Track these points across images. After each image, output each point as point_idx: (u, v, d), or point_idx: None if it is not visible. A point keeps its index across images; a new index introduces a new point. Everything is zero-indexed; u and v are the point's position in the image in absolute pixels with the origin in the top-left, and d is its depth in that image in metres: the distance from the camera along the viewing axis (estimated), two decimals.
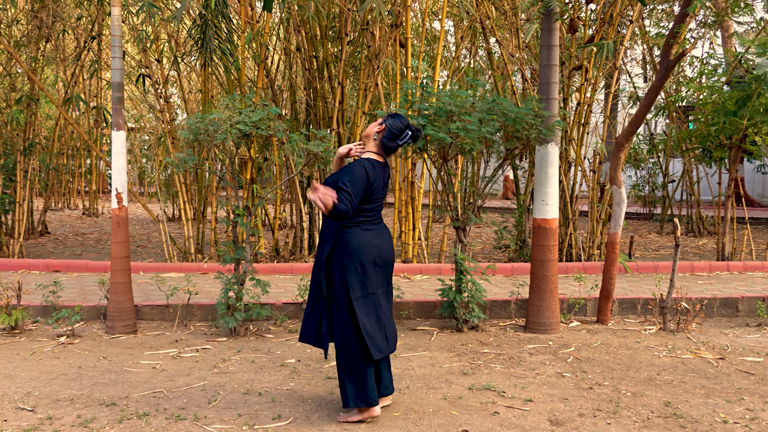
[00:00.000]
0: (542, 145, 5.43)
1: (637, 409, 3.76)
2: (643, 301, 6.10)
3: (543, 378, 4.33)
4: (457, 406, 3.80)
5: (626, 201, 5.77)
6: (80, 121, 15.31)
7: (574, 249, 8.57)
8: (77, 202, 17.21)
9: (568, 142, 8.50)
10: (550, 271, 5.48)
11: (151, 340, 5.19)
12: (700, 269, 7.88)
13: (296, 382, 4.21)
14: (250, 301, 5.42)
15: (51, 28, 9.93)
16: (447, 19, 11.23)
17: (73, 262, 7.80)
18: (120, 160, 5.27)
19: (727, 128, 8.23)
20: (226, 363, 4.61)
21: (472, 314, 5.43)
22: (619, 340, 5.24)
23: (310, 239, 8.77)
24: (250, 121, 4.72)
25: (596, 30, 8.25)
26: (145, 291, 6.41)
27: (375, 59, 8.26)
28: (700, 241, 10.76)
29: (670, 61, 4.97)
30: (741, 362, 4.68)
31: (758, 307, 5.91)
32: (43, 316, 5.65)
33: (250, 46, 8.67)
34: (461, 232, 5.54)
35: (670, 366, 4.58)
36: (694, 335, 5.41)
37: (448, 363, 4.64)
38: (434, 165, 5.46)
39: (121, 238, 5.34)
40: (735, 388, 4.14)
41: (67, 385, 4.10)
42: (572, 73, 8.58)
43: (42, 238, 10.77)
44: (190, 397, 3.91)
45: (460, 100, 4.97)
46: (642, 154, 14.10)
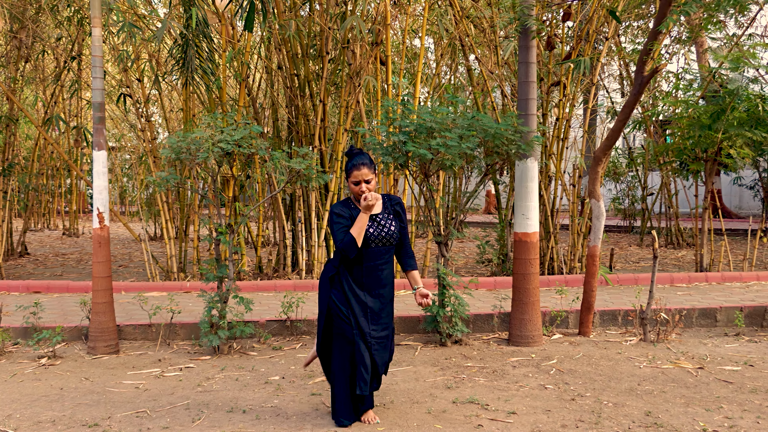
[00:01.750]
0: (522, 160, 5.51)
1: (618, 419, 3.81)
2: (623, 312, 6.18)
3: (526, 390, 4.36)
4: (442, 420, 3.82)
5: (605, 214, 5.86)
6: (60, 140, 15.22)
7: (555, 262, 8.65)
8: (57, 223, 17.04)
9: (548, 156, 8.62)
10: (531, 285, 5.53)
11: (134, 360, 5.16)
12: (680, 281, 7.99)
13: (280, 399, 4.21)
14: (233, 319, 5.41)
15: (30, 48, 9.92)
16: (427, 36, 11.38)
17: (53, 282, 7.72)
18: (101, 179, 5.27)
19: (702, 141, 8.39)
20: (210, 381, 4.60)
21: (456, 328, 5.46)
22: (601, 352, 5.30)
23: (293, 256, 8.76)
24: (232, 140, 4.75)
25: (573, 47, 8.41)
26: (127, 311, 6.36)
27: (356, 77, 8.34)
28: (679, 253, 10.92)
29: (644, 77, 5.09)
30: (720, 371, 4.76)
31: (736, 317, 6.01)
32: (23, 337, 5.59)
33: (231, 65, 8.71)
34: (443, 247, 5.59)
35: (651, 376, 4.64)
36: (673, 345, 5.49)
37: (432, 377, 4.66)
38: (415, 181, 5.52)
39: (103, 258, 5.31)
40: (714, 396, 4.21)
41: (49, 407, 4.06)
42: (551, 89, 8.73)
43: (21, 259, 10.65)
44: (173, 417, 3.89)
45: (440, 116, 5.05)
46: (621, 168, 14.31)
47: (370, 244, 3.58)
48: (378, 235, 3.58)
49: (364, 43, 8.53)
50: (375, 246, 3.59)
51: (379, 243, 3.59)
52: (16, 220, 16.41)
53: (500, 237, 8.95)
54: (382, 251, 3.62)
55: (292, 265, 8.72)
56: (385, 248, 3.63)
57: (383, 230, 3.60)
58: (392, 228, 3.63)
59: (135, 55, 8.34)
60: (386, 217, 3.65)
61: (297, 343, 5.63)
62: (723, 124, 8.11)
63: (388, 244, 3.62)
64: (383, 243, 3.60)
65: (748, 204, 17.73)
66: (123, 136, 16.67)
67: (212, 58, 7.14)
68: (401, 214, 3.70)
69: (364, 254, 3.58)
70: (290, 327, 5.84)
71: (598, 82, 10.30)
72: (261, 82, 10.34)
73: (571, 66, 8.28)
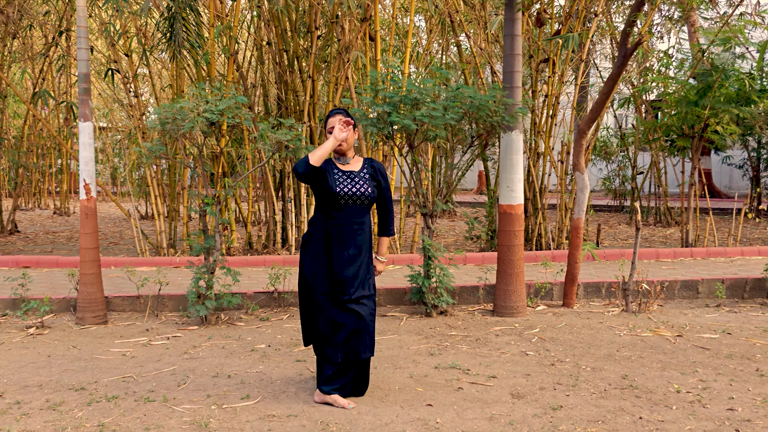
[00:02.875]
0: (507, 133, 5.55)
1: (595, 382, 3.89)
2: (607, 284, 6.26)
3: (507, 356, 4.44)
4: (423, 383, 3.89)
5: (589, 187, 5.92)
6: (50, 119, 15.15)
7: (543, 238, 8.73)
8: (48, 203, 17.01)
9: (536, 134, 8.66)
10: (516, 256, 5.60)
11: (122, 330, 5.21)
12: (665, 256, 8.08)
13: (265, 365, 4.27)
14: (221, 290, 5.46)
15: (18, 24, 9.85)
16: (417, 14, 11.35)
17: (43, 258, 7.75)
18: (87, 151, 5.28)
19: (689, 118, 8.44)
20: (197, 349, 4.66)
21: (441, 299, 5.53)
22: (583, 321, 5.39)
23: (283, 233, 8.80)
24: (217, 110, 4.77)
25: (563, 23, 8.42)
26: (116, 284, 6.40)
27: (345, 52, 8.33)
28: (668, 231, 11.01)
29: (627, 49, 5.12)
30: (698, 339, 4.85)
31: (717, 288, 6.10)
32: (12, 309, 5.63)
33: (220, 39, 8.68)
34: (429, 219, 5.65)
35: (630, 343, 4.73)
36: (654, 315, 5.58)
37: (415, 345, 4.73)
38: (400, 152, 5.55)
39: (90, 229, 5.35)
40: (690, 361, 4.30)
41: (36, 373, 4.12)
42: (540, 66, 8.75)
43: (12, 237, 10.65)
44: (159, 381, 3.96)
45: (425, 87, 5.07)
46: (612, 148, 14.37)
47: (342, 202, 3.53)
48: (350, 192, 3.54)
49: (353, 18, 8.51)
50: (347, 204, 3.54)
51: (350, 201, 3.55)
52: (6, 199, 16.39)
53: (489, 213, 9.02)
54: (354, 210, 3.55)
55: (282, 242, 8.77)
56: (358, 208, 3.57)
57: (357, 188, 3.56)
58: (367, 188, 3.58)
59: (123, 30, 8.30)
60: (363, 177, 3.62)
61: (284, 314, 5.70)
62: (710, 100, 8.15)
63: (360, 204, 3.57)
64: (355, 201, 3.55)
65: (737, 184, 17.84)
66: (112, 112, 16.55)
67: (200, 32, 7.12)
68: (379, 176, 3.66)
69: (337, 212, 3.55)
70: (278, 298, 5.90)
71: (588, 59, 10.33)
72: (251, 59, 10.31)
73: (560, 43, 8.29)
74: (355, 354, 3.55)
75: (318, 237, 3.59)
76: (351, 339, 3.55)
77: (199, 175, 6.03)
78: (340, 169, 3.60)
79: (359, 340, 3.55)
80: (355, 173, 3.62)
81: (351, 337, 3.55)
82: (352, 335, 3.55)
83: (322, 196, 3.57)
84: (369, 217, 3.67)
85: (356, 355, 3.55)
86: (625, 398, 3.62)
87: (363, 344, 3.57)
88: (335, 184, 3.53)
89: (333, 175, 3.56)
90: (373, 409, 3.49)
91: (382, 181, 3.70)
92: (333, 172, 3.57)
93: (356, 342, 3.55)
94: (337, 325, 3.54)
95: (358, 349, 3.56)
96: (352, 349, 3.55)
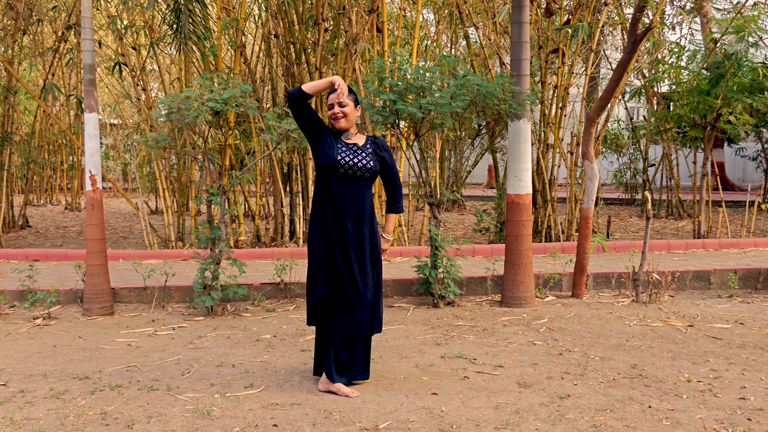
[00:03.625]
0: (514, 121, 5.48)
1: (604, 372, 3.83)
2: (617, 275, 6.18)
3: (515, 346, 4.39)
4: (428, 373, 3.85)
5: (598, 176, 5.84)
6: (60, 115, 15.21)
7: (553, 230, 8.65)
8: (60, 198, 17.10)
9: (546, 125, 8.57)
10: (524, 246, 5.54)
11: (128, 321, 5.21)
12: (677, 247, 7.98)
13: (270, 355, 4.25)
14: (226, 281, 5.44)
15: (27, 20, 9.87)
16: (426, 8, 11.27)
17: (52, 251, 7.78)
18: (93, 142, 5.27)
19: (700, 107, 8.32)
20: (202, 339, 4.64)
21: (448, 290, 5.48)
22: (592, 312, 5.32)
23: (291, 226, 8.78)
24: (221, 98, 4.74)
25: (572, 13, 8.32)
26: (123, 276, 6.41)
27: (352, 44, 8.28)
28: (680, 223, 10.88)
29: (637, 35, 5.04)
30: (709, 329, 4.77)
31: (729, 279, 6.01)
32: (20, 300, 5.64)
33: (227, 32, 8.66)
34: (435, 209, 5.59)
35: (640, 333, 4.66)
36: (665, 306, 5.49)
37: (422, 335, 4.69)
38: (407, 141, 5.50)
39: (96, 220, 5.34)
40: (701, 351, 4.22)
41: (41, 362, 4.11)
42: (549, 56, 8.65)
43: (23, 231, 10.71)
44: (163, 370, 3.94)
45: (431, 75, 5.01)
46: (623, 140, 14.23)
47: (341, 171, 3.50)
48: (350, 163, 3.50)
49: (360, 9, 8.46)
50: (346, 174, 3.51)
51: (350, 172, 3.50)
52: (18, 196, 16.50)
53: (497, 205, 8.94)
54: (353, 182, 3.52)
55: (290, 235, 8.75)
56: (357, 180, 3.52)
57: (357, 160, 3.52)
58: (368, 162, 3.54)
59: (130, 23, 8.30)
60: (365, 150, 3.58)
61: (291, 305, 5.67)
62: (722, 89, 8.03)
63: (361, 176, 3.53)
64: (356, 173, 3.51)
65: (751, 176, 17.61)
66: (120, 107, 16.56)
67: (206, 24, 7.10)
68: (383, 152, 3.63)
69: (337, 180, 3.52)
70: (284, 289, 5.88)
71: (598, 50, 10.20)
72: (260, 53, 10.28)
73: (569, 33, 8.20)
74: (347, 329, 3.51)
75: (319, 210, 3.56)
76: (345, 314, 3.51)
77: (205, 167, 6.02)
78: (344, 142, 3.58)
79: (356, 315, 3.50)
80: (359, 146, 3.59)
81: (345, 312, 3.51)
82: (345, 310, 3.51)
83: (323, 165, 3.52)
84: (370, 192, 3.62)
85: (348, 330, 3.51)
86: (634, 387, 3.56)
87: (359, 320, 3.50)
88: (336, 153, 3.50)
89: (336, 144, 3.54)
90: (378, 398, 3.45)
91: (386, 157, 3.66)
92: (335, 142, 3.56)
93: (348, 317, 3.51)
94: (328, 299, 3.52)
95: (351, 324, 3.51)
96: (343, 323, 3.51)
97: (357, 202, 3.53)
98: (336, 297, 3.53)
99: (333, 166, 3.50)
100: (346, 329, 3.52)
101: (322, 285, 3.54)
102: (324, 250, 3.54)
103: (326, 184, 3.54)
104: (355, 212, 3.53)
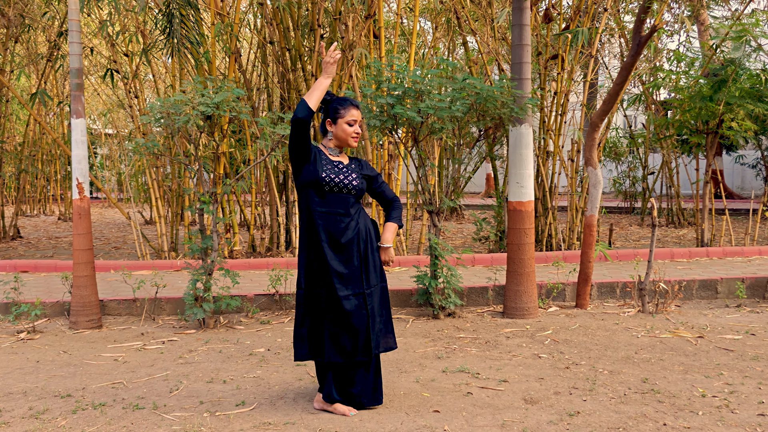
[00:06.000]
0: (516, 126, 5.33)
1: (613, 386, 3.64)
2: (621, 284, 6.01)
3: (519, 359, 4.20)
4: (430, 388, 3.66)
5: (602, 182, 5.68)
6: (54, 125, 15.04)
7: (554, 239, 8.48)
8: (53, 209, 16.89)
9: (546, 132, 8.42)
10: (526, 255, 5.36)
11: (116, 334, 5.01)
12: (680, 255, 7.82)
13: (263, 370, 4.05)
14: (219, 293, 5.25)
15: (19, 28, 9.71)
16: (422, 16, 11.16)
17: (41, 262, 7.58)
18: (80, 149, 5.09)
19: (703, 114, 8.18)
20: (192, 354, 4.44)
21: (448, 300, 5.30)
22: (598, 323, 5.14)
23: (286, 235, 8.60)
24: (212, 102, 4.57)
25: (572, 18, 8.19)
26: (113, 287, 6.21)
27: (348, 50, 8.14)
28: (680, 232, 10.73)
29: (642, 37, 4.89)
30: (720, 340, 4.59)
31: (737, 288, 5.84)
32: (4, 313, 5.44)
33: (221, 38, 8.51)
34: (435, 217, 5.42)
35: (649, 345, 4.48)
36: (673, 316, 5.32)
37: (422, 348, 4.50)
38: (405, 147, 5.34)
39: (83, 230, 5.15)
40: (714, 364, 4.05)
41: (22, 379, 3.91)
42: (548, 62, 8.52)
43: (14, 242, 10.50)
44: (151, 387, 3.74)
45: (430, 78, 4.86)
46: (622, 148, 14.10)
47: (326, 189, 3.32)
48: (335, 181, 3.32)
49: (356, 15, 8.33)
50: (331, 192, 3.33)
51: (335, 189, 3.31)
52: (10, 206, 16.28)
53: (497, 214, 8.78)
54: (338, 200, 3.33)
55: (286, 244, 8.56)
56: (344, 197, 3.34)
57: (342, 178, 3.34)
58: (353, 180, 3.37)
59: (121, 28, 8.14)
60: (351, 169, 3.42)
61: (285, 317, 5.48)
62: (724, 95, 7.89)
63: (347, 193, 3.35)
64: (341, 190, 3.34)
65: (750, 184, 17.52)
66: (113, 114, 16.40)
67: (199, 29, 6.94)
68: (366, 170, 3.49)
69: (322, 199, 3.33)
70: (279, 301, 5.69)
71: (597, 57, 10.07)
72: (255, 59, 10.13)
73: (569, 38, 8.07)
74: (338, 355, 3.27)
75: (307, 230, 3.36)
76: (339, 338, 3.27)
77: (191, 170, 5.84)
78: (329, 158, 3.39)
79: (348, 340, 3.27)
80: (344, 165, 3.42)
81: (338, 337, 3.28)
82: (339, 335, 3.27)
83: (307, 182, 3.31)
84: (360, 207, 3.44)
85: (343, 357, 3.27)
86: (647, 403, 3.37)
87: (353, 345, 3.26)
88: (321, 170, 3.31)
89: (320, 161, 3.35)
90: (376, 416, 3.26)
91: (370, 174, 3.51)
92: (321, 158, 3.36)
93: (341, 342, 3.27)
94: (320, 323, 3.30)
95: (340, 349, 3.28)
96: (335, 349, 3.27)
97: (344, 218, 3.33)
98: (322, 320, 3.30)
99: (316, 184, 3.30)
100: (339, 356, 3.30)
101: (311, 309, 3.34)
102: (313, 274, 3.32)
103: (310, 203, 3.34)
104: (344, 228, 3.32)
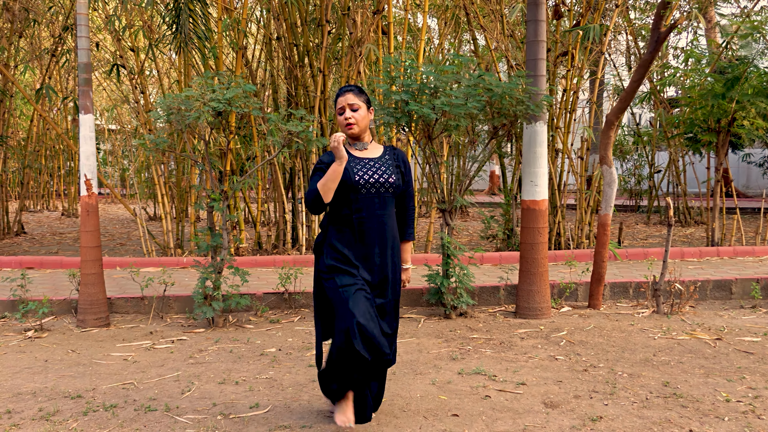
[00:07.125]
0: (530, 124, 5.25)
1: (635, 390, 3.57)
2: (635, 284, 5.93)
3: (535, 361, 4.13)
4: (446, 391, 3.59)
5: (617, 181, 5.60)
6: (58, 120, 14.96)
7: (563, 237, 8.40)
8: (57, 204, 16.82)
9: (554, 129, 8.34)
10: (540, 254, 5.29)
11: (125, 333, 4.94)
12: (690, 255, 7.74)
13: (276, 371, 3.98)
14: (229, 291, 5.18)
15: (24, 22, 9.63)
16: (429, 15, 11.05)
17: (47, 258, 7.50)
18: (88, 144, 5.02)
19: (715, 112, 8.10)
20: (203, 353, 4.38)
21: (461, 300, 5.23)
22: (613, 324, 5.07)
23: (293, 232, 8.53)
24: (224, 98, 4.49)
25: (582, 14, 8.10)
26: (120, 285, 6.14)
27: (357, 46, 8.05)
28: (688, 230, 10.65)
29: (661, 33, 4.81)
30: (739, 342, 4.52)
31: (753, 289, 5.76)
32: (11, 311, 5.37)
33: (228, 34, 8.42)
34: (448, 215, 5.35)
35: (666, 347, 4.40)
36: (688, 317, 5.24)
37: (436, 349, 4.43)
38: (418, 144, 5.26)
39: (91, 227, 5.08)
40: (735, 367, 3.97)
41: (31, 379, 3.85)
42: (558, 60, 8.43)
43: (18, 238, 10.43)
44: (162, 388, 3.68)
45: (444, 75, 4.78)
46: (627, 146, 14.00)
47: (363, 191, 2.97)
48: (372, 180, 2.98)
49: (364, 10, 8.24)
50: (368, 193, 2.98)
51: (372, 189, 2.98)
52: (14, 201, 16.21)
53: (505, 212, 8.71)
54: (376, 200, 2.99)
55: (293, 242, 8.49)
56: (381, 197, 3.00)
57: (379, 175, 3.00)
58: (390, 175, 3.04)
59: (128, 23, 8.06)
60: (385, 162, 3.08)
61: (295, 316, 5.41)
62: (737, 93, 7.80)
63: (384, 192, 3.01)
64: (378, 189, 2.99)
65: (756, 183, 17.41)
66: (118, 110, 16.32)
67: (207, 24, 6.86)
68: (402, 167, 3.15)
69: (357, 204, 2.98)
70: (288, 300, 5.62)
71: (606, 54, 9.98)
72: (261, 57, 10.05)
73: (579, 34, 7.98)
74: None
75: (336, 235, 3.03)
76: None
77: (206, 171, 5.77)
78: (357, 156, 3.08)
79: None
80: (375, 159, 3.08)
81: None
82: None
83: (338, 188, 3.00)
84: (393, 209, 3.13)
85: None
86: (670, 408, 3.30)
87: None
88: (353, 172, 2.99)
89: (349, 163, 3.02)
90: (394, 420, 3.19)
91: (405, 172, 3.17)
92: (349, 160, 3.04)
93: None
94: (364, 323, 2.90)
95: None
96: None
97: (382, 222, 3.02)
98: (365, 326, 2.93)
99: (350, 188, 2.97)
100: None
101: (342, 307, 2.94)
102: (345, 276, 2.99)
103: (341, 207, 3.02)
104: (381, 233, 3.01)
